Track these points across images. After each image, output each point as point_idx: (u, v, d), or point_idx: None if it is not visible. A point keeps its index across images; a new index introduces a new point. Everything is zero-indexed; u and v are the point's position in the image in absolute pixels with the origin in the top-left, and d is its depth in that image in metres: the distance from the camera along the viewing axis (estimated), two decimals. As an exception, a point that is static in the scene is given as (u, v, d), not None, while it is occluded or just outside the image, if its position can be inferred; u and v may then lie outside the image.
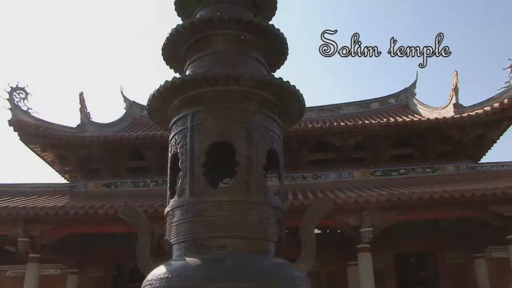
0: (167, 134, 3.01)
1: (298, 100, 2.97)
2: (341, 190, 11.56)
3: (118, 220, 3.55)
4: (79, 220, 10.35)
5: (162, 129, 3.27)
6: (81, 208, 10.27)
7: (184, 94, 2.82)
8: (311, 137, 12.97)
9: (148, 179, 13.53)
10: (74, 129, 13.76)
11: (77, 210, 10.20)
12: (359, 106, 16.24)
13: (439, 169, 13.11)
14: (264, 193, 2.66)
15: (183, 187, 2.66)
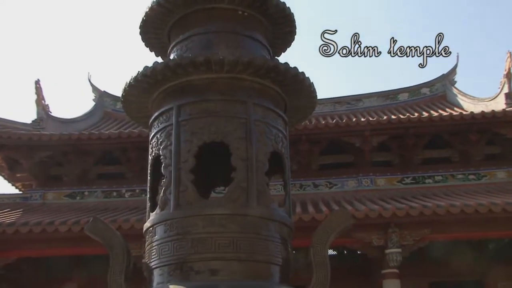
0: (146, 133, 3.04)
1: (309, 91, 3.00)
2: (361, 201, 11.61)
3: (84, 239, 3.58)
4: (34, 240, 10.37)
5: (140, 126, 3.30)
6: (37, 224, 10.29)
7: (168, 83, 2.85)
8: (325, 136, 13.03)
9: (123, 187, 13.63)
10: (29, 126, 13.79)
11: (31, 227, 10.22)
12: (383, 97, 16.32)
13: (486, 176, 13.16)
14: (266, 204, 2.69)
15: (167, 198, 2.69)
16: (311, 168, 13.58)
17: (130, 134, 12.68)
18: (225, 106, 2.76)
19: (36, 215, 11.54)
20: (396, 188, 13.01)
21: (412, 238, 10.64)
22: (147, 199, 2.96)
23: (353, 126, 12.70)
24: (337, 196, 12.66)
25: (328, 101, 16.20)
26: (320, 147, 13.31)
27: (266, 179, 2.75)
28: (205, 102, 2.78)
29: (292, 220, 2.87)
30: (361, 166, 13.37)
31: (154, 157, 2.90)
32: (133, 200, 13.10)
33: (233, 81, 2.81)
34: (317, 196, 12.63)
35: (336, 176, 13.44)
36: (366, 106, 16.05)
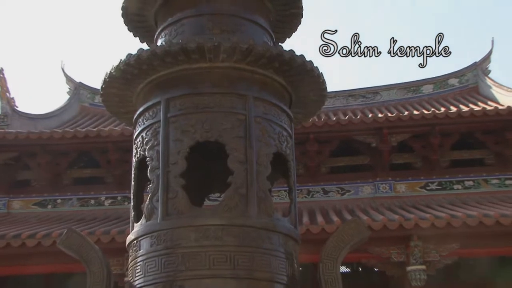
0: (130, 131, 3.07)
1: (317, 82, 3.02)
2: (378, 210, 11.62)
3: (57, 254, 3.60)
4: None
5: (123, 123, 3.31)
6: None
7: (155, 73, 2.87)
8: (336, 134, 13.05)
9: (102, 194, 13.64)
10: (-10, 123, 13.86)
11: (-6, 241, 10.22)
12: (405, 90, 16.35)
13: (526, 181, 13.18)
14: (268, 214, 2.71)
15: (154, 206, 2.71)
16: (321, 172, 13.59)
17: (110, 133, 12.69)
18: (221, 100, 2.79)
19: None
20: (419, 195, 13.03)
21: (438, 253, 10.64)
22: (130, 208, 2.98)
23: (369, 123, 12.71)
24: (351, 204, 12.68)
25: (340, 94, 16.24)
26: (330, 147, 13.32)
27: (268, 185, 2.77)
28: (198, 95, 2.80)
29: (298, 232, 2.89)
30: (378, 170, 13.39)
31: (139, 159, 2.92)
32: (114, 208, 13.11)
33: (230, 71, 2.84)
34: (327, 204, 12.65)
35: (349, 181, 13.46)
36: (385, 99, 16.08)
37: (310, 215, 11.34)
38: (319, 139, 13.04)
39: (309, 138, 12.76)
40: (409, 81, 16.47)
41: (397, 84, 16.50)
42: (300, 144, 12.51)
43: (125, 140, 11.72)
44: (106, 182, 13.84)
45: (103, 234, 10.03)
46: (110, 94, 3.08)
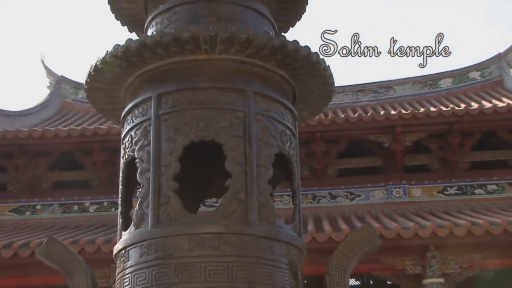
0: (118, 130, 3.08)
1: (324, 76, 3.03)
2: (391, 217, 11.63)
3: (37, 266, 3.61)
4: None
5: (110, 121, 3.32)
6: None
7: (145, 66, 2.88)
8: (345, 133, 13.07)
9: (86, 199, 13.68)
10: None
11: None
12: (420, 84, 16.37)
13: (557, 185, 13.17)
14: (270, 221, 2.72)
15: (144, 212, 2.72)
16: (327, 175, 13.61)
17: (96, 131, 12.71)
18: (218, 95, 2.80)
19: (-27, 235, 11.57)
20: (436, 201, 13.04)
21: (458, 265, 10.65)
22: (118, 214, 2.99)
23: (381, 120, 12.73)
24: (361, 210, 12.69)
25: (349, 89, 16.25)
26: (338, 147, 13.34)
27: (269, 189, 2.78)
28: (193, 90, 2.81)
29: (303, 241, 2.90)
30: (391, 172, 13.41)
31: (127, 160, 2.93)
32: (100, 215, 13.14)
33: (228, 64, 2.84)
34: (335, 210, 12.66)
35: (359, 185, 13.48)
36: (398, 95, 16.09)
37: (316, 222, 11.35)
38: (326, 139, 13.06)
39: (315, 138, 12.77)
40: (425, 75, 16.44)
41: (412, 77, 16.49)
42: (305, 144, 12.53)
43: (112, 140, 11.73)
44: (91, 186, 13.85)
45: (87, 244, 10.04)
46: (95, 89, 3.08)
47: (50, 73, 17.29)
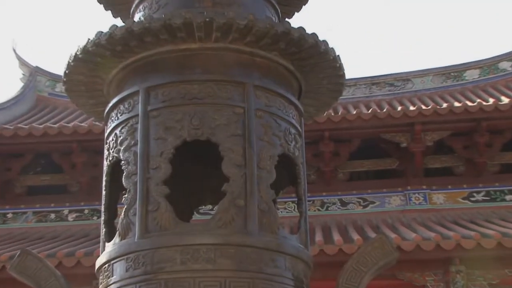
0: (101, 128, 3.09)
1: (333, 67, 3.04)
2: (410, 227, 11.63)
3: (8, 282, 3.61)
4: None
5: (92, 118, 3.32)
6: None
7: (131, 56, 2.89)
8: (357, 132, 13.07)
9: (65, 207, 13.68)
10: None
11: None
12: (443, 76, 16.34)
13: None
14: (272, 231, 2.73)
15: (130, 221, 2.73)
16: (337, 179, 13.61)
17: (76, 130, 12.70)
18: (214, 89, 2.80)
19: None
20: (461, 208, 13.04)
21: (486, 281, 10.65)
22: (101, 223, 3.00)
23: (398, 117, 12.74)
24: (375, 218, 12.69)
25: (362, 81, 16.25)
26: (350, 148, 13.34)
27: (272, 194, 2.79)
28: (185, 83, 2.82)
29: (309, 253, 2.90)
30: (409, 176, 13.41)
31: (111, 162, 2.94)
32: (80, 224, 13.13)
33: (225, 53, 2.85)
34: (346, 219, 12.66)
35: (373, 190, 13.48)
36: (418, 88, 16.08)
37: (324, 232, 11.35)
38: (336, 138, 13.06)
39: (324, 137, 12.78)
40: (448, 65, 16.43)
41: (434, 69, 16.47)
42: (312, 144, 12.53)
43: (94, 139, 11.72)
44: (70, 192, 13.85)
45: (66, 257, 10.05)
46: (75, 82, 3.09)
47: (23, 64, 17.27)
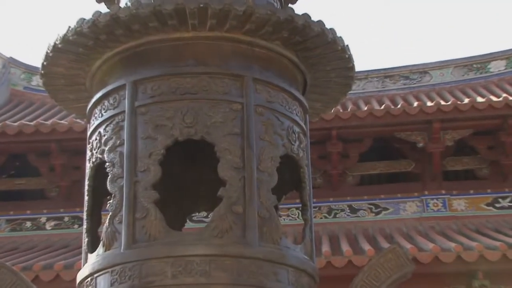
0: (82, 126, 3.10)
1: (342, 58, 3.05)
2: (428, 236, 11.62)
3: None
4: None
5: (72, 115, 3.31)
6: None
7: (117, 46, 2.91)
8: (368, 130, 13.04)
9: (43, 214, 13.64)
10: None
11: None
12: (465, 68, 16.30)
13: None
14: (274, 240, 2.74)
15: (115, 230, 2.73)
16: (346, 182, 13.60)
17: (54, 128, 12.66)
18: (209, 83, 2.81)
19: None
20: (485, 215, 13.02)
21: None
22: (83, 232, 3.00)
23: (414, 114, 12.70)
24: (388, 226, 12.68)
25: (374, 74, 16.23)
26: (360, 148, 13.32)
27: (273, 200, 2.80)
28: (177, 76, 2.83)
29: (315, 265, 2.92)
30: (427, 179, 13.39)
31: (95, 164, 2.95)
32: (60, 233, 13.09)
33: (222, 43, 2.86)
34: (355, 227, 12.65)
35: (386, 195, 13.47)
36: (436, 82, 16.06)
37: (332, 242, 11.34)
38: (345, 137, 13.04)
39: (331, 136, 12.76)
40: (471, 56, 16.39)
41: (454, 60, 16.44)
42: (319, 143, 12.52)
43: (75, 139, 11.71)
44: (48, 197, 13.83)
45: (43, 270, 10.03)
46: (54, 75, 3.10)
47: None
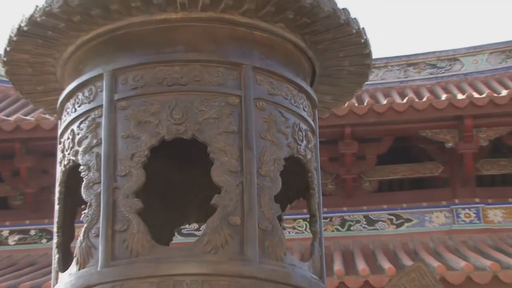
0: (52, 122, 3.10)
1: (357, 43, 3.06)
2: (458, 252, 11.62)
3: None
4: None
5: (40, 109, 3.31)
6: None
7: (93, 29, 2.91)
8: (388, 128, 13.06)
9: (4, 226, 13.67)
10: None
11: None
12: (502, 54, 16.30)
13: None
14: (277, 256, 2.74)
15: (91, 245, 2.73)
16: (362, 189, 13.61)
17: (19, 125, 12.67)
18: (201, 72, 2.82)
19: None
20: (525, 228, 13.06)
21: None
22: (53, 248, 3.01)
23: (442, 109, 12.72)
24: (412, 241, 12.68)
25: (395, 62, 16.23)
26: (378, 149, 13.34)
27: (277, 209, 2.81)
28: (163, 65, 2.83)
29: (326, 286, 2.92)
30: (457, 185, 13.41)
31: (67, 168, 2.95)
32: (25, 249, 13.12)
33: (216, 26, 2.87)
34: (373, 241, 12.66)
35: (409, 204, 13.48)
36: (469, 71, 16.06)
37: (345, 259, 11.36)
38: (361, 136, 13.07)
39: (344, 134, 12.78)
40: (509, 40, 16.39)
41: (490, 45, 16.44)
42: (330, 143, 12.53)
43: (44, 138, 11.71)
44: (11, 207, 13.86)
45: (6, 291, 10.04)
46: (19, 62, 3.10)
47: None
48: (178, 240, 3.54)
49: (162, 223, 3.39)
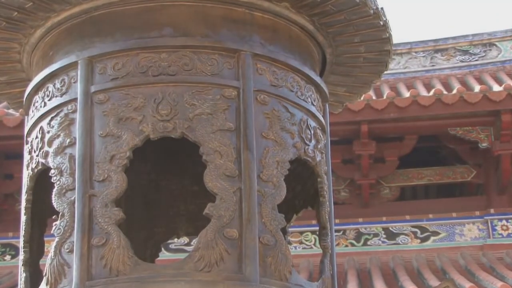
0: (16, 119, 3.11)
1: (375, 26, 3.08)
2: (494, 271, 11.63)
3: None
4: None
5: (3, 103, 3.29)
6: None
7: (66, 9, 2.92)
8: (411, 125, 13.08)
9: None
10: None
11: None
12: (547, 38, 16.33)
13: None
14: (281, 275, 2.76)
15: (64, 262, 2.75)
16: (381, 197, 13.64)
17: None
18: (192, 60, 2.84)
19: None
20: None
21: None
22: (19, 265, 3.02)
23: (475, 103, 12.75)
24: (439, 258, 12.71)
25: (420, 47, 16.25)
26: (400, 150, 13.37)
27: (281, 220, 2.82)
28: (148, 51, 2.85)
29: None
30: (493, 193, 13.43)
31: (35, 172, 2.97)
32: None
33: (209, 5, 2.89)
34: (394, 258, 12.69)
35: (436, 215, 13.49)
36: (506, 58, 16.07)
37: (362, 278, 11.39)
38: (379, 135, 13.10)
39: (360, 133, 12.80)
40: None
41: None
42: (344, 143, 12.56)
43: (8, 137, 11.75)
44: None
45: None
46: None
47: None
48: (165, 256, 3.55)
49: (147, 237, 3.40)
